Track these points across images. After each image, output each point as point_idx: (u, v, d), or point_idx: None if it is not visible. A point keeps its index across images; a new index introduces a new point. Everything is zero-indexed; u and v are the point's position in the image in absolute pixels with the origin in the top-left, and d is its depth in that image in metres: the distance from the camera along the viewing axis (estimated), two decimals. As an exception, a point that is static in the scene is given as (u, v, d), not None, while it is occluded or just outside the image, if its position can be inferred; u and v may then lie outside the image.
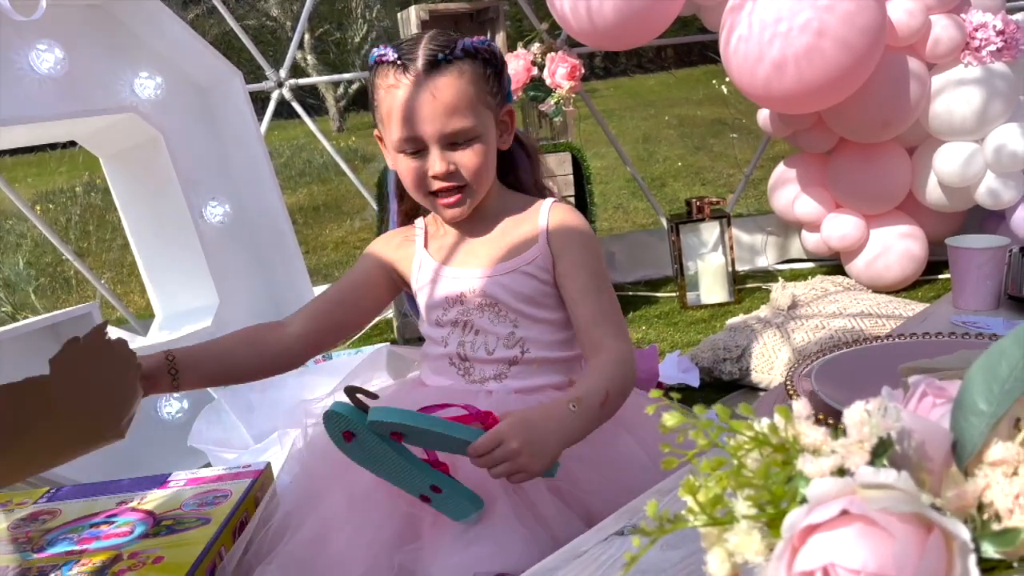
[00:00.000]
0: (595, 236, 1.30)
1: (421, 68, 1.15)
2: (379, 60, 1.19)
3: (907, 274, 3.19)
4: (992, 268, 1.55)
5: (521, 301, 1.24)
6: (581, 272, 1.24)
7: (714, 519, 0.44)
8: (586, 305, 1.23)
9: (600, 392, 1.12)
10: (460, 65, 1.16)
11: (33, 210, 3.12)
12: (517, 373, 1.24)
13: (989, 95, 2.89)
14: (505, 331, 1.24)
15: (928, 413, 0.52)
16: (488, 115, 1.20)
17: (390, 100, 1.17)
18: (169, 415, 2.16)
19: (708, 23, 3.22)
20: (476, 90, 1.18)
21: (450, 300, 1.27)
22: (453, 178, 1.19)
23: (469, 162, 1.19)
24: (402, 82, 1.16)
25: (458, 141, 1.18)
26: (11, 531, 1.37)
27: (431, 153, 1.18)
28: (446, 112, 1.15)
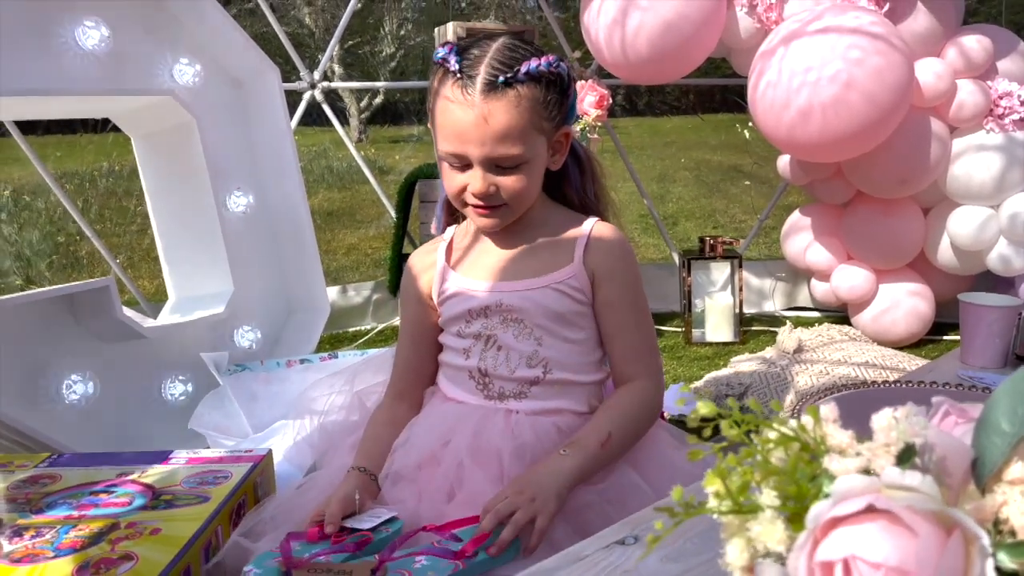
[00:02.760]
0: (637, 263, 1.29)
1: (479, 90, 1.12)
2: (441, 63, 1.17)
3: (913, 331, 3.20)
4: (1002, 327, 1.57)
5: (548, 318, 1.22)
6: (621, 305, 1.24)
7: (739, 506, 0.46)
8: (623, 340, 1.24)
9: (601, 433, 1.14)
10: (520, 90, 1.13)
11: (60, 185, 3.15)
12: (538, 393, 1.23)
13: (1008, 163, 2.92)
14: (529, 349, 1.23)
15: (950, 432, 0.53)
16: (540, 140, 1.18)
17: (443, 111, 1.16)
18: (173, 397, 2.17)
19: (737, 66, 3.27)
20: (532, 116, 1.15)
21: (474, 312, 1.25)
22: (492, 199, 1.19)
23: (511, 186, 1.18)
24: (457, 98, 1.14)
25: (503, 166, 1.17)
26: (10, 491, 1.38)
27: (474, 171, 1.17)
28: (495, 138, 1.14)
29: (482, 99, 1.12)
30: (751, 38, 3.05)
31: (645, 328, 1.26)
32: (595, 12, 3.07)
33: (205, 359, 2.16)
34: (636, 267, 1.27)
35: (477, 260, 1.30)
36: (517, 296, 1.23)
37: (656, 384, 1.24)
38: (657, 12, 2.92)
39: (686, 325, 3.42)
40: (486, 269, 1.27)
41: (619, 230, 1.29)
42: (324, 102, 3.50)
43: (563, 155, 1.26)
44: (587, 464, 1.11)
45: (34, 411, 1.85)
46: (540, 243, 1.26)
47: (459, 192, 1.20)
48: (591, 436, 1.14)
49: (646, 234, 6.02)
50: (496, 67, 1.13)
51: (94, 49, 2.02)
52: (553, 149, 1.23)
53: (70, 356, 1.95)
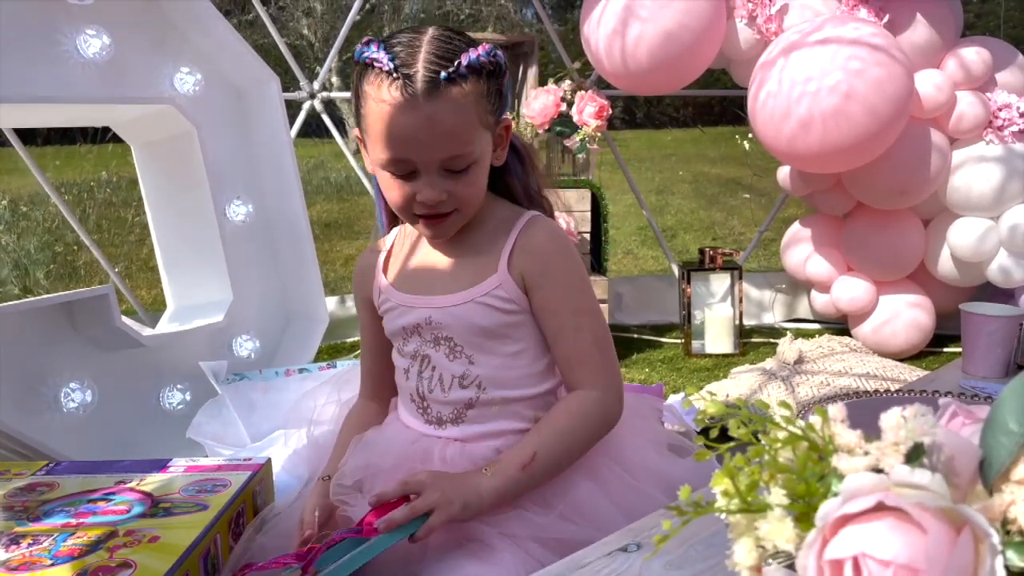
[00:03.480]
0: (576, 258, 1.17)
1: (421, 89, 1.00)
2: (369, 63, 1.04)
3: (913, 343, 3.19)
4: (1003, 336, 1.57)
5: (477, 335, 1.13)
6: (558, 309, 1.13)
7: (747, 505, 0.45)
8: (564, 347, 1.13)
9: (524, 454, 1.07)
10: (463, 85, 1.03)
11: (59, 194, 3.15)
12: (475, 417, 1.15)
13: (1008, 174, 2.93)
14: (460, 369, 1.14)
15: (958, 432, 0.53)
16: (486, 136, 1.09)
17: (379, 115, 1.03)
18: (171, 406, 2.16)
19: (737, 77, 3.28)
20: (478, 111, 1.06)
21: (407, 330, 1.18)
22: (443, 206, 1.08)
23: (462, 190, 1.08)
24: (396, 99, 1.01)
25: (454, 168, 1.06)
26: (7, 499, 1.37)
27: (422, 178, 1.06)
28: (444, 141, 1.03)
29: (425, 99, 1.01)
30: (751, 49, 3.06)
31: (588, 331, 1.13)
32: (595, 23, 3.08)
33: (204, 368, 2.15)
34: (573, 264, 1.15)
35: (410, 271, 1.21)
36: (443, 313, 1.14)
37: (603, 391, 1.12)
38: (657, 23, 2.93)
39: (686, 337, 3.41)
40: (417, 281, 1.19)
41: (554, 226, 1.18)
42: (323, 112, 3.51)
43: (505, 148, 1.16)
44: (505, 487, 1.05)
45: (32, 419, 1.84)
46: (471, 250, 1.16)
47: (407, 203, 1.09)
48: (514, 458, 1.07)
49: (645, 246, 6.03)
50: (435, 62, 1.02)
51: (95, 57, 2.02)
52: (495, 143, 1.13)
53: (68, 364, 1.95)
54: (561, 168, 3.41)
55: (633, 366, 3.25)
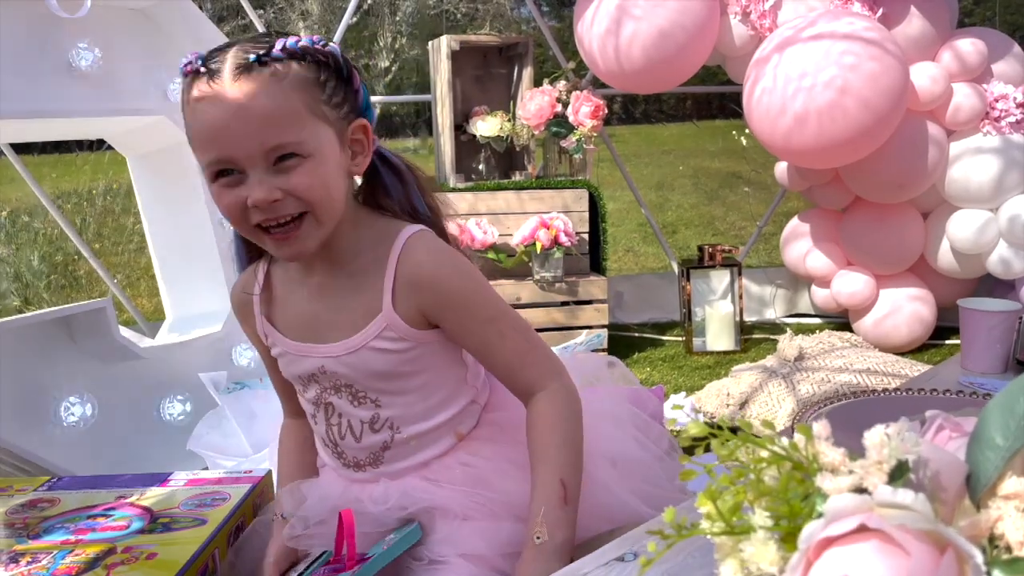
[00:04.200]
0: (466, 266, 1.06)
1: (228, 75, 0.91)
2: (185, 72, 0.95)
3: (915, 336, 3.19)
4: (1002, 332, 1.56)
5: (376, 379, 1.05)
6: (474, 328, 1.04)
7: (731, 527, 0.45)
8: (496, 359, 1.06)
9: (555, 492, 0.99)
10: (279, 68, 0.93)
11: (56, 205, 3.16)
12: (393, 456, 1.09)
13: (1006, 165, 2.92)
14: (367, 414, 1.07)
15: (944, 446, 0.53)
16: (325, 129, 0.96)
17: (193, 115, 0.94)
18: (172, 417, 2.16)
19: (732, 74, 3.27)
20: (305, 97, 0.94)
21: (304, 379, 1.10)
22: (281, 208, 0.94)
23: (300, 183, 0.94)
24: (205, 93, 0.92)
25: (282, 157, 0.93)
26: (8, 516, 1.37)
27: (250, 178, 0.93)
28: (261, 124, 0.91)
29: (232, 83, 0.91)
30: (745, 45, 3.05)
31: (511, 332, 1.06)
32: (588, 22, 3.08)
33: (203, 379, 2.15)
34: (466, 276, 1.05)
35: (291, 313, 1.10)
36: (336, 362, 1.05)
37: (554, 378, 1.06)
38: (651, 21, 2.93)
39: (687, 334, 3.41)
40: (302, 328, 1.08)
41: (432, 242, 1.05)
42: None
43: (366, 156, 1.03)
44: (567, 535, 0.98)
45: (33, 434, 1.84)
46: (349, 287, 1.05)
47: (241, 212, 0.95)
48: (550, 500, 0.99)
49: (646, 243, 6.02)
50: (245, 49, 0.93)
51: (87, 70, 2.02)
52: (352, 149, 1.01)
53: (68, 378, 1.95)
54: (558, 168, 3.40)
55: (634, 365, 3.24)
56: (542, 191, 3.25)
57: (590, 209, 3.30)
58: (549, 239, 3.07)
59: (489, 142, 3.36)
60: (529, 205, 3.22)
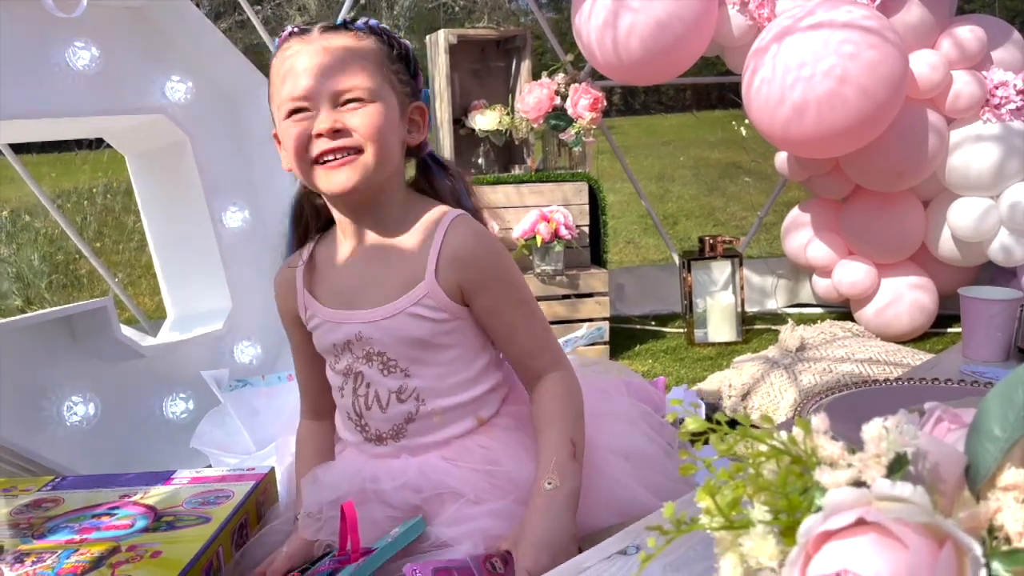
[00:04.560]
0: (505, 253, 1.16)
1: (317, 30, 1.08)
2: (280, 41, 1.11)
3: (916, 325, 3.19)
4: (1003, 320, 1.56)
5: (409, 347, 1.10)
6: (504, 308, 1.12)
7: (730, 522, 0.45)
8: (518, 341, 1.13)
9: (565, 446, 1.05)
10: (361, 35, 1.09)
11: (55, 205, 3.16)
12: (416, 430, 1.13)
13: (1007, 152, 2.91)
14: (395, 384, 1.12)
15: (943, 438, 0.53)
16: (388, 91, 1.08)
17: (279, 68, 1.08)
18: (174, 415, 2.16)
19: (731, 64, 3.27)
20: (377, 59, 1.08)
21: (338, 348, 1.15)
22: (340, 136, 1.04)
23: (361, 122, 1.04)
24: (293, 44, 1.08)
25: (351, 99, 1.05)
26: (13, 516, 1.37)
27: (319, 113, 1.05)
28: (337, 67, 1.05)
29: (319, 35, 1.07)
30: (744, 35, 3.04)
31: (536, 318, 1.15)
32: (586, 14, 3.07)
33: (205, 377, 2.15)
34: (506, 261, 1.15)
35: (333, 282, 1.17)
36: (373, 327, 1.11)
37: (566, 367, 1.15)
38: (649, 12, 2.92)
39: (688, 326, 3.41)
40: (342, 295, 1.15)
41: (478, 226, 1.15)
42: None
43: (420, 134, 1.14)
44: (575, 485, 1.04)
45: (36, 434, 1.85)
46: (394, 255, 1.13)
47: (304, 143, 1.06)
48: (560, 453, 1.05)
49: (647, 234, 6.02)
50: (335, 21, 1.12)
51: (85, 70, 2.02)
52: (408, 121, 1.12)
53: (70, 377, 1.95)
54: (558, 161, 3.40)
55: (636, 357, 3.25)
56: (542, 184, 3.25)
57: (590, 202, 3.30)
58: (549, 232, 3.06)
59: (488, 136, 3.36)
60: (529, 199, 3.22)
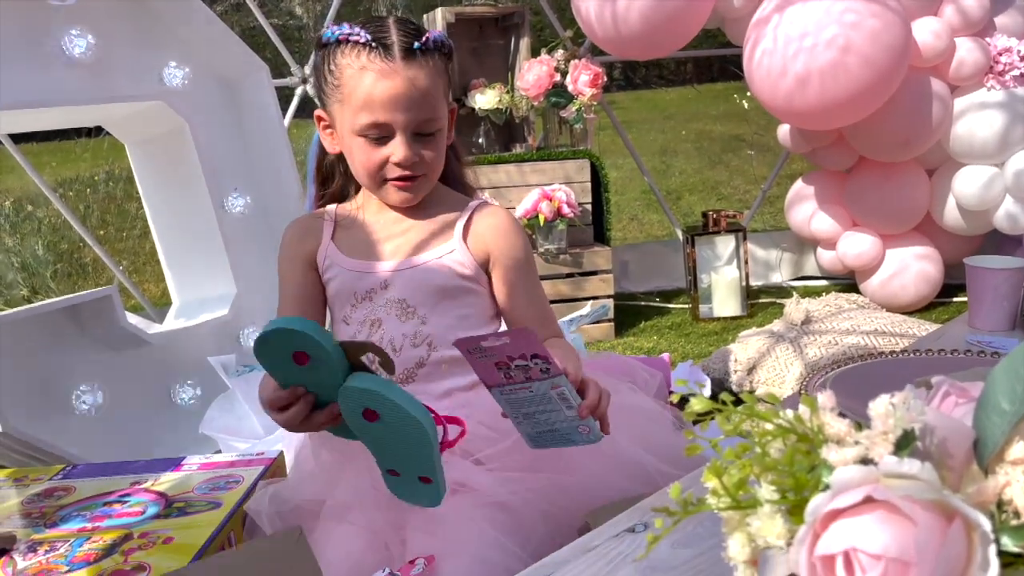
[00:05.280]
0: (524, 233, 1.30)
1: (399, 56, 1.12)
2: (344, 39, 1.14)
3: (922, 295, 3.18)
4: (1009, 289, 1.55)
5: (432, 294, 1.21)
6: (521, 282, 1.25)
7: (737, 502, 0.45)
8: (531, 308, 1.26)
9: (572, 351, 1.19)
10: (431, 57, 1.15)
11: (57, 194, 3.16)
12: (424, 376, 1.21)
13: (1011, 119, 2.89)
14: (411, 329, 1.21)
15: (951, 412, 0.53)
16: (445, 107, 1.20)
17: (360, 82, 1.13)
18: (182, 401, 2.17)
19: (732, 36, 3.23)
20: (442, 83, 1.17)
21: (358, 297, 1.23)
22: (415, 168, 1.17)
23: (430, 155, 1.18)
24: (378, 66, 1.12)
25: (425, 132, 1.16)
26: (25, 505, 1.38)
27: (396, 140, 1.15)
28: (421, 102, 1.14)
29: (404, 64, 1.12)
30: (744, 6, 3.01)
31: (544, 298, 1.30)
32: (585, -10, 3.04)
33: (213, 363, 2.16)
34: (526, 239, 1.28)
35: (361, 240, 1.26)
36: (399, 276, 1.21)
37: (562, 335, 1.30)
38: (648, -14, 2.89)
39: (693, 301, 3.40)
40: (370, 249, 1.25)
41: (505, 210, 1.30)
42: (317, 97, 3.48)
43: (452, 130, 1.26)
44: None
45: (46, 424, 1.86)
46: (425, 221, 1.25)
47: (380, 166, 1.18)
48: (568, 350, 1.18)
49: (650, 210, 5.99)
50: (407, 33, 1.14)
51: (81, 58, 2.01)
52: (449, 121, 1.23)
53: (78, 367, 1.96)
54: (559, 139, 3.38)
55: (641, 334, 3.25)
56: (543, 163, 3.23)
57: (592, 179, 3.28)
58: (552, 211, 3.05)
59: (488, 115, 3.34)
60: (531, 177, 3.21)
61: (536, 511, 1.07)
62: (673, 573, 0.80)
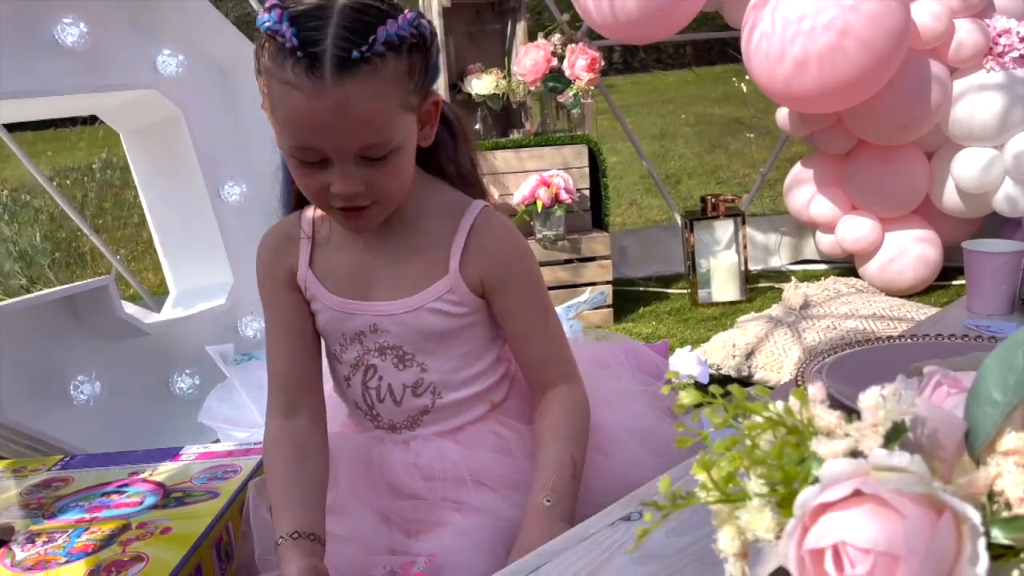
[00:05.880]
0: (532, 254, 1.13)
1: (329, 71, 0.87)
2: (271, 35, 0.90)
3: (921, 279, 3.17)
4: (1007, 273, 1.54)
5: (427, 340, 1.07)
6: (524, 311, 1.08)
7: (726, 496, 0.45)
8: (536, 346, 1.09)
9: (567, 465, 1.02)
10: (379, 64, 0.89)
11: (53, 183, 3.15)
12: (431, 420, 1.11)
13: (1011, 101, 2.87)
14: (411, 378, 1.08)
15: (942, 402, 0.52)
16: (409, 119, 0.97)
17: (283, 97, 0.90)
18: (181, 391, 2.18)
19: (730, 19, 3.21)
20: (397, 92, 0.93)
21: (347, 337, 1.08)
22: (360, 199, 0.96)
23: (382, 181, 0.95)
24: (302, 82, 0.88)
25: (372, 156, 0.93)
26: (23, 496, 1.39)
27: (336, 168, 0.93)
28: (358, 128, 0.91)
29: (334, 82, 0.87)
30: (742, -10, 2.99)
31: (555, 326, 1.11)
32: (581, -27, 3.02)
33: (211, 352, 2.16)
34: (533, 262, 1.11)
35: (342, 268, 1.08)
36: (391, 321, 1.05)
37: (578, 381, 1.11)
38: (645, -31, 2.87)
39: (692, 286, 3.40)
40: (355, 284, 1.07)
41: (508, 223, 1.10)
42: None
43: (434, 126, 1.03)
44: (571, 506, 1.01)
45: (44, 414, 1.86)
46: (415, 246, 1.06)
47: (320, 192, 0.96)
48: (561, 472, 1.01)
49: (650, 194, 5.98)
50: (346, 37, 0.88)
51: (74, 46, 1.99)
52: (423, 122, 1.00)
53: (75, 357, 1.96)
54: (556, 124, 3.36)
55: (640, 320, 3.24)
56: (541, 148, 3.22)
57: (590, 164, 3.27)
58: (550, 197, 3.04)
59: (485, 100, 3.32)
60: (528, 163, 3.20)
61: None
62: (668, 561, 0.79)
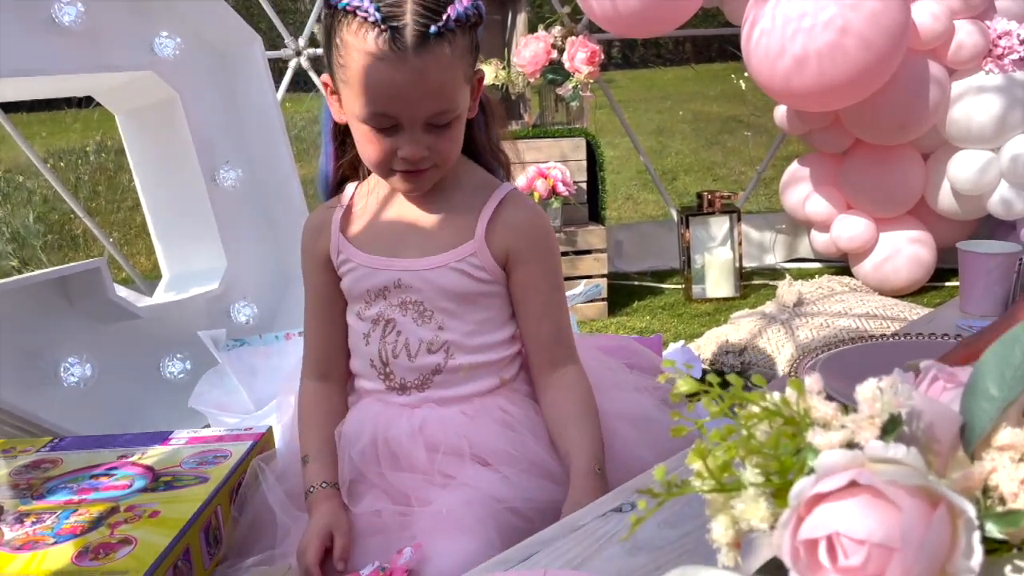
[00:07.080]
0: (555, 236, 1.21)
1: (410, 44, 0.97)
2: (351, 10, 0.98)
3: (914, 279, 3.18)
4: (1001, 274, 1.55)
5: (450, 299, 1.12)
6: (543, 286, 1.15)
7: (721, 485, 0.45)
8: (548, 323, 1.15)
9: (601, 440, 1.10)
10: (451, 39, 1.00)
11: (47, 165, 3.13)
12: (441, 382, 1.14)
13: (1009, 104, 2.88)
14: (429, 335, 1.13)
15: (938, 397, 0.52)
16: (467, 90, 1.07)
17: (363, 67, 0.99)
18: (172, 375, 2.16)
19: (730, 16, 3.21)
20: (462, 65, 1.03)
21: (371, 294, 1.15)
22: (424, 162, 1.06)
23: (443, 146, 1.06)
24: (384, 53, 0.97)
25: (438, 123, 1.04)
26: (12, 477, 1.38)
27: (405, 133, 1.03)
28: (432, 96, 1.01)
29: (414, 54, 0.97)
30: (743, -14, 2.99)
31: (566, 309, 1.19)
32: (583, -35, 3.01)
33: (202, 337, 2.15)
34: (555, 243, 1.19)
35: (376, 230, 1.17)
36: (415, 276, 1.12)
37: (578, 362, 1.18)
38: (646, -37, 2.86)
39: (686, 282, 3.40)
40: (384, 242, 1.15)
41: (534, 204, 1.20)
42: (311, 69, 3.45)
43: (477, 101, 1.13)
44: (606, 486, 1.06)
45: (33, 396, 1.85)
46: (444, 212, 1.15)
47: (387, 157, 1.06)
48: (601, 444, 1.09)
49: (646, 190, 5.97)
50: (423, 14, 0.97)
51: (71, 26, 1.97)
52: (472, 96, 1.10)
53: (66, 339, 1.95)
54: (555, 117, 3.36)
55: (634, 314, 3.25)
56: (539, 140, 3.21)
57: (588, 157, 3.27)
58: (547, 189, 3.04)
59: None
60: (526, 155, 3.19)
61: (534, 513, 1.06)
62: (659, 553, 0.79)
